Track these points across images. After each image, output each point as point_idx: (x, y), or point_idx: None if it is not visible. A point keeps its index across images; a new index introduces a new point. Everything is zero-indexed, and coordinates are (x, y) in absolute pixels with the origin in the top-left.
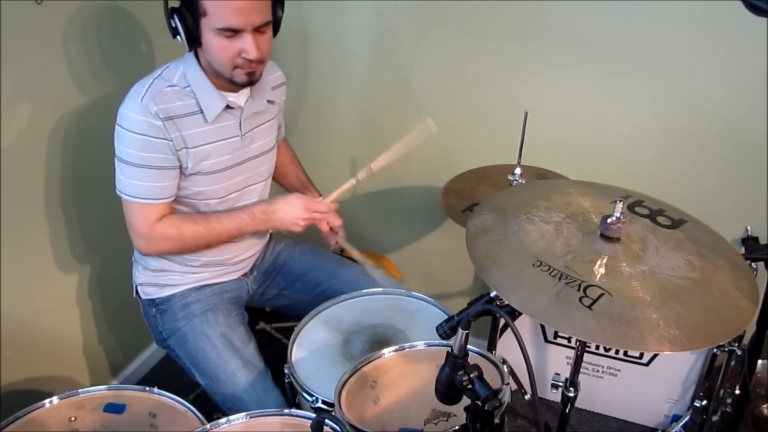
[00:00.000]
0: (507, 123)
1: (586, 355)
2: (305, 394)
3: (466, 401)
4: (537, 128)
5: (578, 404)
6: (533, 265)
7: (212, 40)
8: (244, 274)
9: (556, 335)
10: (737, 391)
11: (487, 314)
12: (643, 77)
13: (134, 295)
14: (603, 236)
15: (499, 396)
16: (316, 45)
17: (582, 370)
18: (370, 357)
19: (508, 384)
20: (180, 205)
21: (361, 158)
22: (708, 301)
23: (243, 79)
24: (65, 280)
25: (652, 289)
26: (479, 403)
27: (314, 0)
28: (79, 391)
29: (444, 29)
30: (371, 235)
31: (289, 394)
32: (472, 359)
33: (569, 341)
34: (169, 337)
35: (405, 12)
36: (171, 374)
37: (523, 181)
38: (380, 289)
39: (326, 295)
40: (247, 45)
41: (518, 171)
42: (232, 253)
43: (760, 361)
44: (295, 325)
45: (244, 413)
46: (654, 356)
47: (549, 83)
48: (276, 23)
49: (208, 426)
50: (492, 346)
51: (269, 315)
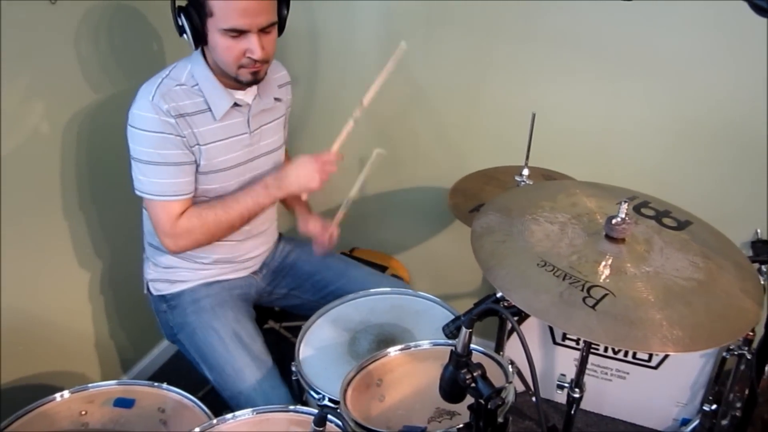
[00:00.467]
0: (515, 124)
1: (594, 357)
2: (312, 392)
3: (470, 400)
4: (545, 129)
5: (587, 407)
6: (537, 265)
7: (218, 40)
8: (254, 272)
9: (564, 337)
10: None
11: (491, 314)
12: (652, 78)
13: (145, 291)
14: (608, 237)
15: (502, 394)
16: (325, 45)
17: (590, 372)
18: (375, 355)
19: (510, 383)
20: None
21: (370, 158)
22: (712, 302)
23: (248, 78)
24: (79, 276)
25: (656, 290)
26: (482, 401)
27: (323, 0)
28: (89, 385)
29: (452, 30)
30: (380, 236)
31: (297, 392)
32: (478, 359)
33: (577, 343)
34: (178, 332)
35: (413, 13)
36: (181, 371)
37: (531, 182)
38: (388, 289)
39: (335, 295)
40: (253, 45)
41: (525, 172)
42: (242, 251)
43: None
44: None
45: (250, 409)
46: (663, 359)
47: (557, 84)
48: (281, 23)
49: (215, 421)
50: (500, 347)
51: (278, 314)
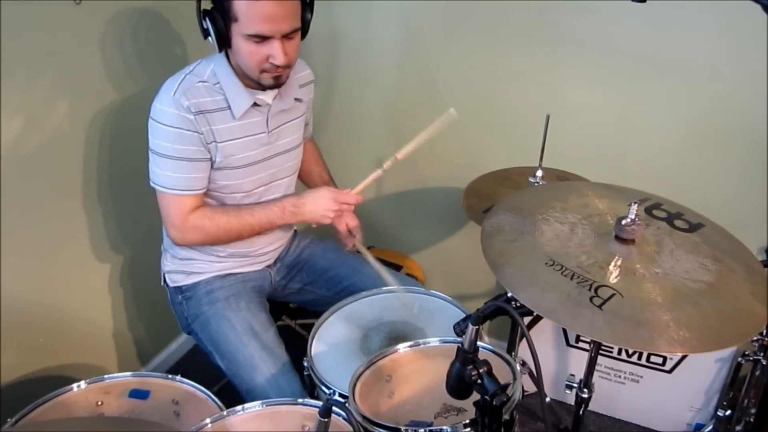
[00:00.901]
0: (530, 125)
1: (607, 360)
2: (323, 387)
3: (476, 396)
4: (560, 131)
5: (600, 410)
6: (546, 264)
7: (241, 44)
8: (268, 266)
9: (578, 339)
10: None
11: (500, 313)
12: (667, 80)
13: (162, 283)
14: (617, 238)
15: (508, 391)
16: (345, 46)
17: (604, 375)
18: (385, 352)
19: (516, 380)
20: (207, 198)
21: (388, 157)
22: (721, 304)
23: (270, 83)
24: (98, 270)
25: (665, 291)
26: (487, 397)
27: (343, 0)
28: (106, 376)
29: (469, 31)
30: (395, 236)
31: (308, 387)
32: (486, 357)
33: (591, 345)
34: (193, 322)
35: (431, 14)
36: (197, 366)
37: (544, 184)
38: (401, 287)
39: (349, 292)
40: (275, 51)
41: (539, 173)
42: (258, 246)
43: None
44: None
45: (259, 402)
46: (677, 363)
47: (573, 86)
48: (305, 27)
49: (225, 412)
50: (512, 348)
51: (293, 311)
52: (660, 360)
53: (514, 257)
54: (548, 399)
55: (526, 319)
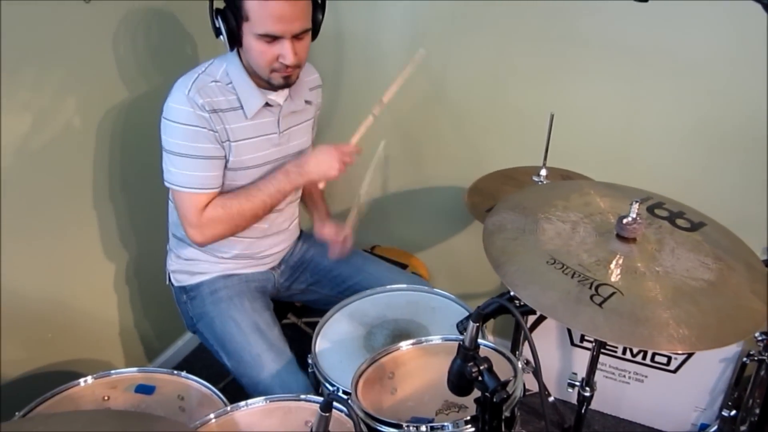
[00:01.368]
0: (535, 124)
1: (612, 359)
2: (327, 384)
3: (477, 393)
4: (564, 130)
5: (604, 409)
6: (547, 262)
7: (252, 44)
8: (272, 268)
9: (582, 339)
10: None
11: (502, 311)
12: (672, 80)
13: (167, 282)
14: (619, 236)
15: (508, 388)
16: (350, 46)
17: (608, 375)
18: (387, 349)
19: (517, 377)
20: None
21: (394, 158)
22: (721, 302)
23: (279, 82)
24: (106, 267)
25: (665, 290)
26: (488, 394)
27: (348, 1)
28: (112, 372)
29: (475, 31)
30: (400, 234)
31: (313, 384)
32: (487, 354)
33: (593, 343)
34: (198, 321)
35: (437, 14)
36: (204, 363)
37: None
38: (404, 285)
39: (353, 291)
40: (285, 51)
41: (543, 172)
42: (263, 248)
43: None
44: None
45: (263, 397)
46: (682, 363)
47: (577, 85)
48: (315, 28)
49: (229, 408)
50: (515, 347)
51: (299, 310)
52: (665, 360)
53: (516, 255)
54: (552, 398)
55: (531, 319)
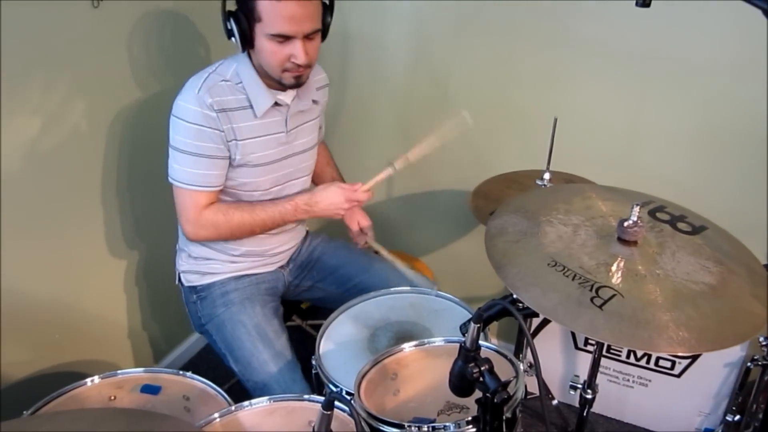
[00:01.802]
0: (539, 128)
1: (616, 363)
2: (330, 385)
3: (479, 395)
4: (568, 134)
5: (608, 413)
6: (548, 265)
7: (264, 44)
8: (281, 266)
9: (586, 342)
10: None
11: (505, 314)
12: (676, 84)
13: (176, 282)
14: (620, 240)
15: (509, 389)
16: (356, 47)
17: (612, 378)
18: (390, 350)
19: (518, 378)
20: (224, 195)
21: (399, 158)
22: (721, 305)
23: (291, 82)
24: (114, 268)
25: (665, 292)
26: (488, 395)
27: (355, 0)
28: (118, 372)
29: (480, 34)
30: (405, 238)
31: (316, 385)
32: (489, 356)
33: (594, 346)
34: (207, 322)
35: (443, 17)
36: (210, 364)
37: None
38: (408, 288)
39: (358, 289)
40: (297, 51)
41: (547, 176)
42: (271, 245)
43: None
44: None
45: (267, 397)
46: (686, 367)
47: (581, 89)
48: (325, 29)
49: (233, 407)
50: (519, 350)
51: (304, 312)
52: (669, 364)
53: (517, 257)
54: (556, 402)
55: (534, 322)
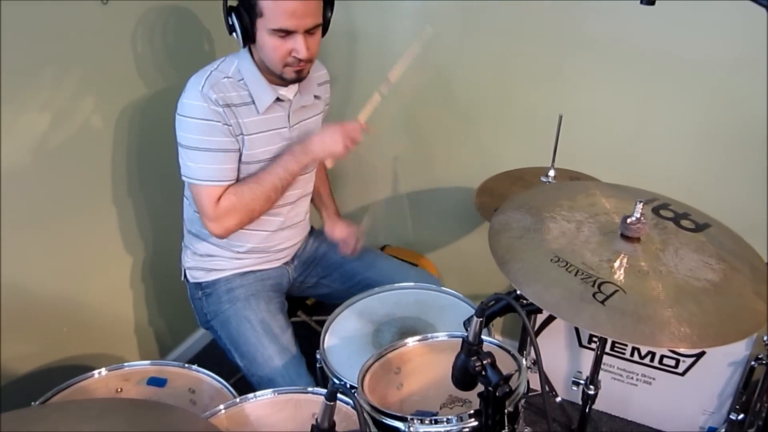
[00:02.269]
0: (544, 125)
1: (620, 361)
2: (335, 379)
3: (481, 388)
4: (574, 132)
5: (612, 411)
6: (551, 260)
7: (266, 39)
8: (286, 263)
9: (590, 340)
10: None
11: (508, 310)
12: (681, 82)
13: (182, 278)
14: (623, 236)
15: (511, 382)
16: (362, 45)
17: (616, 377)
18: (394, 345)
19: (520, 372)
20: None
21: (404, 157)
22: (723, 302)
23: (292, 77)
24: (121, 263)
25: (668, 289)
26: (490, 388)
27: (361, 0)
28: (125, 364)
29: (485, 32)
30: (409, 235)
31: (320, 380)
32: (492, 351)
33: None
34: (212, 318)
35: (448, 15)
36: (215, 359)
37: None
38: (412, 284)
39: (362, 286)
40: (298, 45)
41: (552, 173)
42: (276, 242)
43: None
44: None
45: (271, 390)
46: (690, 366)
47: (587, 87)
48: (325, 24)
49: (238, 399)
50: (523, 347)
51: (309, 308)
52: (673, 362)
53: (520, 253)
54: (560, 399)
55: (539, 319)
